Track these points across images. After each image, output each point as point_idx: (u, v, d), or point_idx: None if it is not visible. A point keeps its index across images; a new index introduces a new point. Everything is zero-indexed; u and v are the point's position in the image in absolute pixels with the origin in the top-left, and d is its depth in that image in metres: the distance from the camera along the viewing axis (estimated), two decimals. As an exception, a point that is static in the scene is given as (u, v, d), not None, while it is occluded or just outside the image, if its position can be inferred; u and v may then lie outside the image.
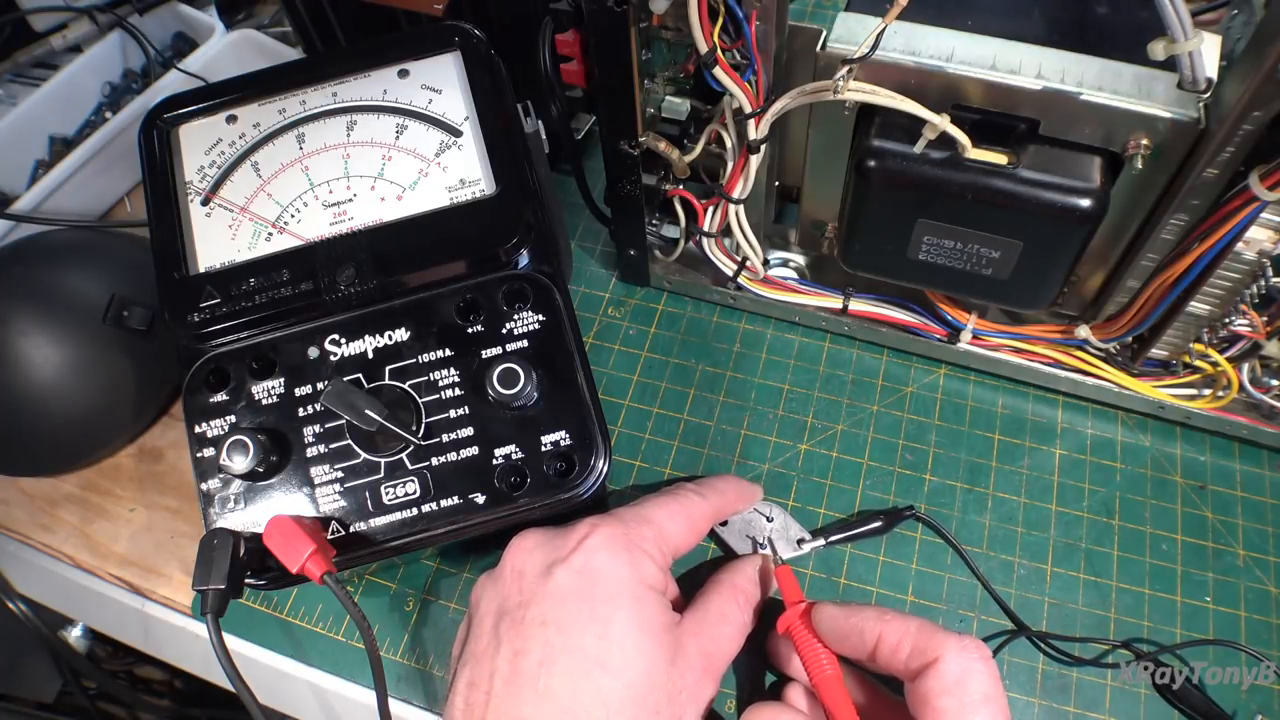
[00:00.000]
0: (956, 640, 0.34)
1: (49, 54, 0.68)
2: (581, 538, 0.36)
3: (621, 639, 0.34)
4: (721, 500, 0.43)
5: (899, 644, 0.34)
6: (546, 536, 0.37)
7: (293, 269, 0.41)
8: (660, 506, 0.40)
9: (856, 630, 0.36)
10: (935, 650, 0.33)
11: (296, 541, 0.36)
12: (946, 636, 0.34)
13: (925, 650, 0.34)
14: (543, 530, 0.38)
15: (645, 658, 0.34)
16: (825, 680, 0.37)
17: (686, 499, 0.41)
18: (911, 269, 0.44)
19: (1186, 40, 0.32)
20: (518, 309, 0.41)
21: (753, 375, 0.52)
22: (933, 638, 0.34)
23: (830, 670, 0.37)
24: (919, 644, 0.34)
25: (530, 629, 0.34)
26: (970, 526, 0.47)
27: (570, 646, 0.34)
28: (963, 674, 0.33)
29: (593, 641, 0.34)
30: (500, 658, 0.34)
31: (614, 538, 0.36)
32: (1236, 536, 0.46)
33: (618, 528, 0.37)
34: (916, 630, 0.34)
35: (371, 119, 0.45)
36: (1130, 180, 0.38)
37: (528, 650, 0.34)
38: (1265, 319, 0.41)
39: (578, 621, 0.34)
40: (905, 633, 0.34)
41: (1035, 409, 0.50)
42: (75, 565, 0.51)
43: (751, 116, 0.41)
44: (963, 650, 0.33)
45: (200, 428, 0.40)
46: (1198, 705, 0.41)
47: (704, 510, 0.41)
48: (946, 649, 0.33)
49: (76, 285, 0.51)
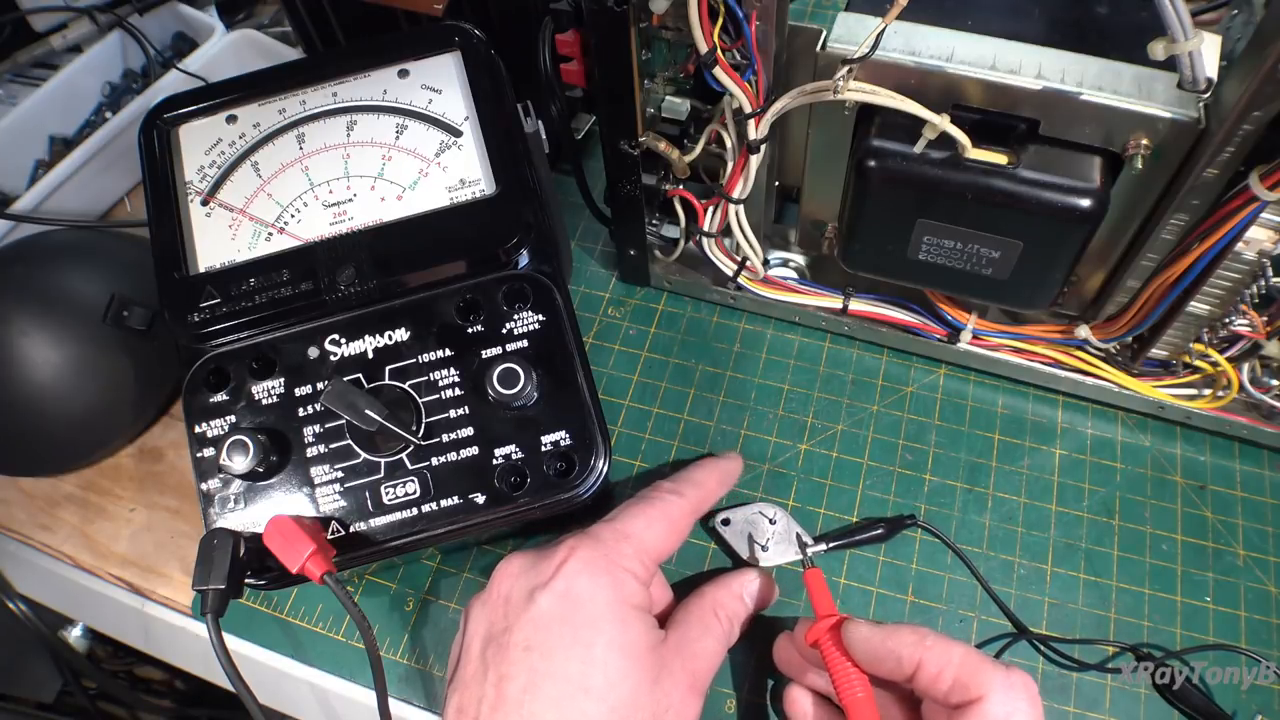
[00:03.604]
0: (1004, 678, 0.32)
1: (49, 54, 0.68)
2: (560, 562, 0.36)
3: (604, 663, 0.34)
4: (701, 493, 0.42)
5: (940, 674, 0.33)
6: (530, 561, 0.37)
7: (293, 269, 0.41)
8: (637, 516, 0.39)
9: (893, 654, 0.34)
10: (980, 688, 0.32)
11: (296, 541, 0.36)
12: (994, 672, 0.32)
13: (969, 686, 0.32)
14: (527, 553, 0.38)
15: (629, 680, 0.34)
16: (856, 703, 0.35)
17: (663, 502, 0.40)
18: (911, 269, 0.44)
19: (1186, 40, 0.32)
20: (518, 309, 0.41)
21: (753, 375, 0.52)
22: (978, 673, 0.32)
23: (862, 693, 0.35)
24: (962, 678, 0.32)
25: (515, 654, 0.34)
26: (970, 526, 0.47)
27: (553, 672, 0.34)
28: (1007, 717, 0.31)
29: (576, 667, 0.34)
30: (487, 683, 0.34)
31: (593, 560, 0.36)
32: (1236, 536, 0.46)
33: (596, 548, 0.36)
34: (960, 661, 0.33)
35: (371, 119, 0.45)
36: (1130, 180, 0.38)
37: (512, 676, 0.34)
38: (1265, 319, 0.41)
39: (560, 646, 0.34)
40: (947, 663, 0.33)
41: (1035, 409, 0.50)
42: (75, 565, 0.51)
43: (751, 116, 0.41)
44: (1009, 689, 0.32)
45: (200, 428, 0.40)
46: (1198, 705, 0.41)
47: (683, 509, 0.40)
48: (993, 688, 0.32)
49: (76, 285, 0.51)
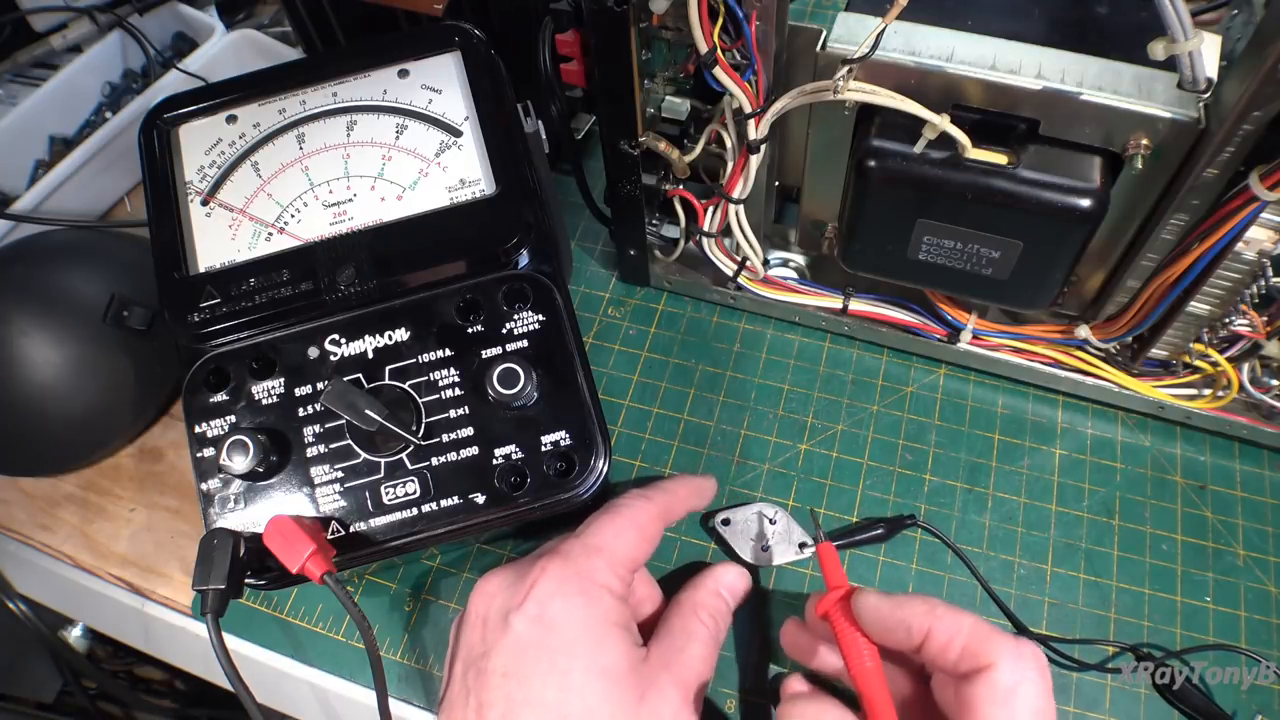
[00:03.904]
0: (1013, 647, 0.32)
1: (49, 54, 0.68)
2: (532, 583, 0.35)
3: (582, 689, 0.33)
4: (669, 499, 0.41)
5: (949, 643, 0.32)
6: (506, 580, 0.37)
7: (293, 269, 0.41)
8: (604, 527, 0.38)
9: (903, 624, 0.34)
10: (989, 656, 0.32)
11: (296, 541, 0.36)
12: (1002, 641, 0.32)
13: (978, 655, 0.32)
14: (504, 571, 0.37)
15: (609, 704, 0.34)
16: (864, 673, 0.35)
17: (629, 508, 0.39)
18: (911, 269, 0.44)
19: (1186, 40, 0.32)
20: (518, 309, 0.41)
21: (753, 375, 0.52)
22: (987, 641, 0.32)
23: (871, 663, 0.35)
24: (971, 646, 0.32)
25: (493, 680, 0.34)
26: (970, 526, 0.47)
27: (531, 700, 0.33)
28: (1015, 685, 0.31)
29: (554, 694, 0.33)
30: (469, 709, 0.34)
31: (565, 579, 0.35)
32: (1236, 536, 0.46)
33: (568, 567, 0.36)
34: (969, 630, 0.32)
35: (371, 119, 0.45)
36: (1130, 180, 0.38)
37: (491, 704, 0.34)
38: (1265, 319, 0.41)
39: (537, 673, 0.34)
40: (957, 631, 0.32)
41: (1035, 409, 0.50)
42: (75, 565, 0.51)
43: (751, 116, 0.41)
44: (1018, 658, 0.31)
45: (200, 428, 0.40)
46: (1198, 705, 0.41)
47: (650, 513, 0.40)
48: (1001, 656, 0.31)
49: (76, 285, 0.51)
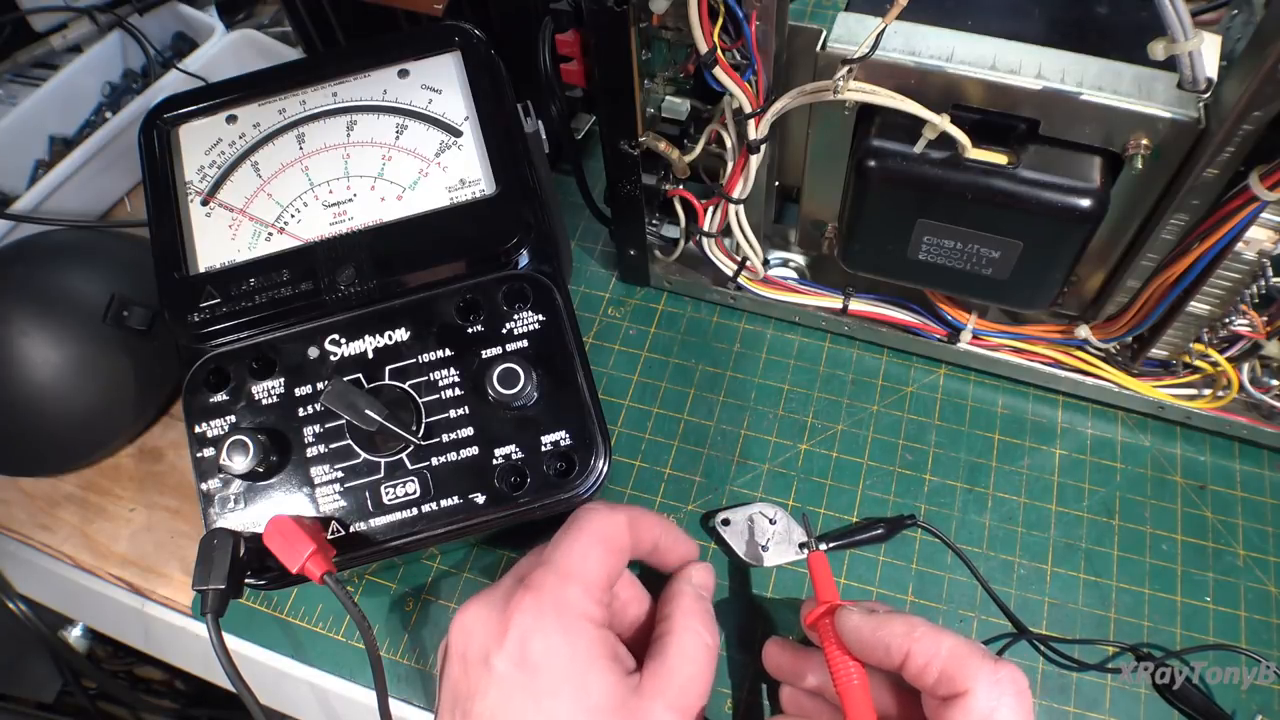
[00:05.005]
0: (990, 671, 0.31)
1: (49, 54, 0.68)
2: (509, 621, 0.34)
3: None
4: (639, 511, 0.39)
5: (927, 666, 0.32)
6: (481, 615, 0.35)
7: (293, 269, 0.41)
8: (569, 550, 0.36)
9: (882, 644, 0.34)
10: (966, 681, 0.31)
11: (296, 541, 0.36)
12: (980, 665, 0.31)
13: (955, 679, 0.31)
14: (479, 602, 0.35)
15: None
16: (850, 690, 0.35)
17: (588, 521, 0.37)
18: (911, 269, 0.44)
19: (1186, 40, 0.32)
20: (518, 309, 0.41)
21: (753, 375, 0.52)
22: (964, 665, 0.31)
23: (856, 679, 0.35)
24: (949, 670, 0.32)
25: None
26: (970, 526, 0.47)
27: None
28: (990, 712, 0.31)
29: None
30: None
31: (542, 615, 0.34)
32: (1236, 536, 0.46)
33: (543, 600, 0.34)
34: (948, 654, 0.32)
35: (371, 119, 0.45)
36: (1130, 180, 0.38)
37: None
38: (1265, 319, 0.41)
39: (524, 718, 0.33)
40: (935, 654, 0.32)
41: (1035, 409, 0.50)
42: (75, 565, 0.51)
43: (751, 116, 0.41)
44: (995, 684, 0.31)
45: (200, 428, 0.40)
46: (1198, 705, 0.41)
47: (616, 521, 0.37)
48: (978, 681, 0.31)
49: (76, 285, 0.51)
